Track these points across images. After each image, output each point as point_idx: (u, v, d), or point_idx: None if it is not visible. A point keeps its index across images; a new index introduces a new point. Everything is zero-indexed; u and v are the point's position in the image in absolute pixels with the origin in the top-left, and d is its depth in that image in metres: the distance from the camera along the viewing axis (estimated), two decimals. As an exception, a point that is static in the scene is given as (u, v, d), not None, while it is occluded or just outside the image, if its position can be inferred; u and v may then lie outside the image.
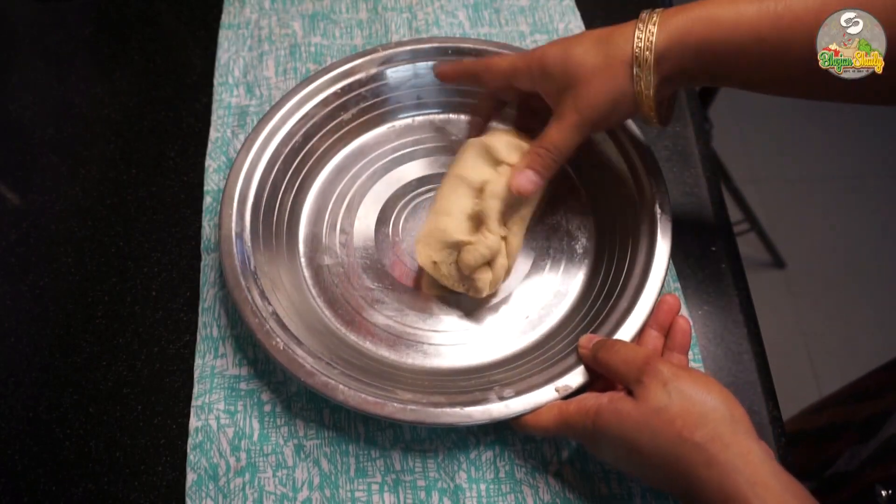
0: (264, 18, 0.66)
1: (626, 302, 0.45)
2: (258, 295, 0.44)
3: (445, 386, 0.44)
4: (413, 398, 0.41)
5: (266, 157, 0.51)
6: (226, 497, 0.42)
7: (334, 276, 0.50)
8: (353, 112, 0.56)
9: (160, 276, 0.51)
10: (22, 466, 0.44)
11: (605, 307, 0.46)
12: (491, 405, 0.40)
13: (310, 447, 0.44)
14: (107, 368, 0.47)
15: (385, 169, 0.56)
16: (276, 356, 0.41)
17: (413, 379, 0.44)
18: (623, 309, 0.44)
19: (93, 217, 0.55)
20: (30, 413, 0.46)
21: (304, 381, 0.40)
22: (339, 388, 0.40)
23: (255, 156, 0.50)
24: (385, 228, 0.53)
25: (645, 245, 0.47)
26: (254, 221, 0.48)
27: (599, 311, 0.46)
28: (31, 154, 0.59)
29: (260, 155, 0.50)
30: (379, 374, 0.43)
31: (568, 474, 0.43)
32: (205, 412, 0.45)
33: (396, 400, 0.40)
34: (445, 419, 0.40)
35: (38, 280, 0.51)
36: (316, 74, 0.55)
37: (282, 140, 0.52)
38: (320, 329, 0.47)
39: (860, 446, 0.48)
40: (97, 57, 0.66)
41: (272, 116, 0.52)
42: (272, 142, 0.51)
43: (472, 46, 0.57)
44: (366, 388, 0.41)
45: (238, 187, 0.49)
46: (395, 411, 0.40)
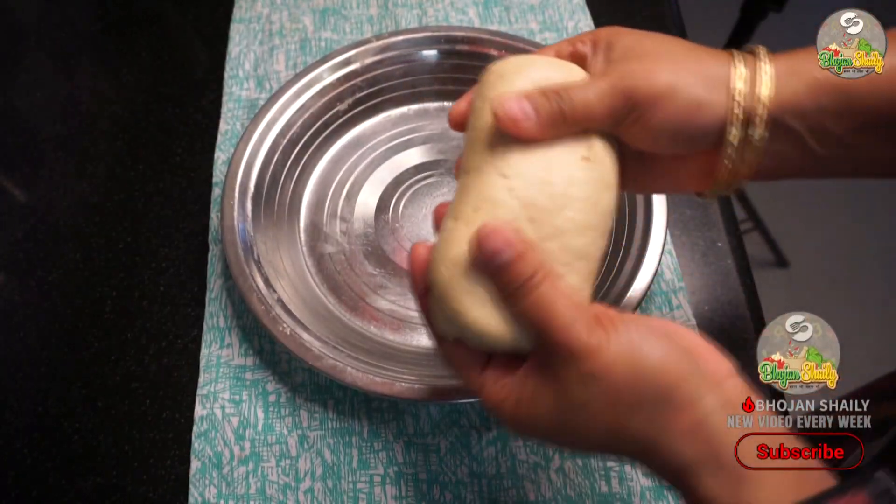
0: (275, 13, 0.67)
1: (630, 263, 0.45)
2: (263, 283, 0.44)
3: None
4: (420, 377, 0.41)
5: (265, 148, 0.51)
6: (229, 485, 0.43)
7: (336, 263, 0.51)
8: (350, 102, 0.57)
9: (168, 272, 0.52)
10: (31, 460, 0.44)
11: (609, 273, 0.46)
12: None
13: (313, 438, 0.44)
14: (115, 363, 0.48)
15: (382, 157, 0.57)
16: (284, 341, 0.42)
17: (419, 360, 0.45)
18: (629, 271, 0.45)
19: (100, 213, 0.55)
20: (38, 407, 0.46)
21: (313, 364, 0.41)
22: (347, 370, 0.41)
23: (255, 147, 0.51)
24: (385, 215, 0.53)
25: (642, 217, 0.47)
26: (255, 211, 0.49)
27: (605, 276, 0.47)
28: (39, 151, 0.59)
29: (259, 146, 0.51)
30: (385, 357, 0.44)
31: (569, 470, 0.43)
32: (210, 401, 0.46)
33: (404, 380, 0.41)
34: (455, 396, 0.40)
35: (45, 276, 0.52)
36: (311, 66, 0.55)
37: (280, 131, 0.52)
38: (325, 315, 0.47)
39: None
40: (103, 54, 0.67)
41: (270, 107, 0.53)
42: (270, 133, 0.52)
43: (464, 35, 0.57)
44: (373, 370, 0.41)
45: (239, 178, 0.49)
46: (403, 390, 0.40)
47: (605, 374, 0.26)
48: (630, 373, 0.26)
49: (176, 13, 0.69)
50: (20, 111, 0.62)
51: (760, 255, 1.52)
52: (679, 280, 0.51)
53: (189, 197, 0.56)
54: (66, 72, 0.65)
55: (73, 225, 0.55)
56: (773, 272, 1.53)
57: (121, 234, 0.54)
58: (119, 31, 0.68)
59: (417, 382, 0.41)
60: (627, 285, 0.44)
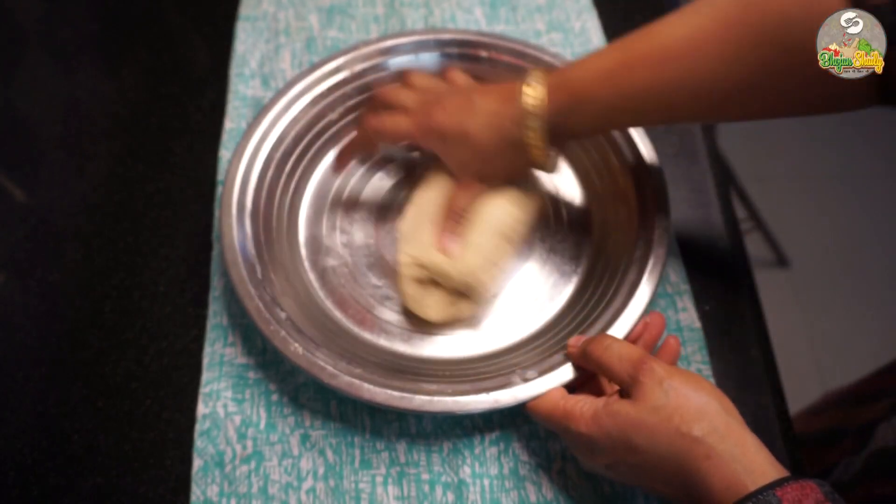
0: (281, 11, 0.67)
1: (626, 288, 0.45)
2: (269, 302, 0.44)
3: (466, 373, 0.44)
4: (438, 389, 0.41)
5: (259, 162, 0.50)
6: (231, 484, 0.43)
7: (340, 276, 0.51)
8: (340, 111, 0.56)
9: (168, 272, 0.52)
10: (31, 460, 0.44)
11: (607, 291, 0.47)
12: (516, 388, 0.41)
13: (315, 437, 0.44)
14: (115, 363, 0.48)
15: (378, 165, 0.56)
16: (298, 361, 0.41)
17: (434, 370, 0.45)
18: (626, 291, 0.45)
19: (100, 213, 0.55)
20: (39, 407, 0.46)
21: (328, 382, 0.41)
22: (364, 386, 0.40)
23: (248, 162, 0.50)
24: (385, 225, 0.53)
25: (636, 268, 0.46)
26: (254, 229, 0.48)
27: (606, 288, 0.47)
28: (39, 151, 0.59)
29: (252, 161, 0.50)
30: (399, 369, 0.44)
31: (571, 472, 0.43)
32: (213, 399, 0.46)
33: (422, 392, 0.40)
34: (474, 406, 0.40)
35: (46, 276, 0.52)
36: (301, 75, 0.54)
37: (273, 144, 0.51)
38: (334, 330, 0.47)
39: (852, 457, 0.48)
40: (104, 54, 0.66)
41: (260, 120, 0.52)
42: (263, 146, 0.51)
43: (452, 37, 0.57)
44: (390, 384, 0.41)
45: (235, 195, 0.48)
46: (423, 404, 0.40)
47: (679, 386, 0.35)
48: (693, 392, 0.35)
49: (176, 13, 0.69)
50: (20, 111, 0.62)
51: (761, 255, 1.52)
52: (684, 283, 0.51)
53: (189, 197, 0.56)
54: (66, 72, 0.64)
55: (73, 225, 0.55)
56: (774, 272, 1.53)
57: (121, 234, 0.54)
58: (119, 30, 0.68)
59: (436, 394, 0.40)
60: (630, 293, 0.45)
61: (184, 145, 0.59)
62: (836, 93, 0.36)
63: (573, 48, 0.64)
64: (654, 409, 0.34)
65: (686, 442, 0.33)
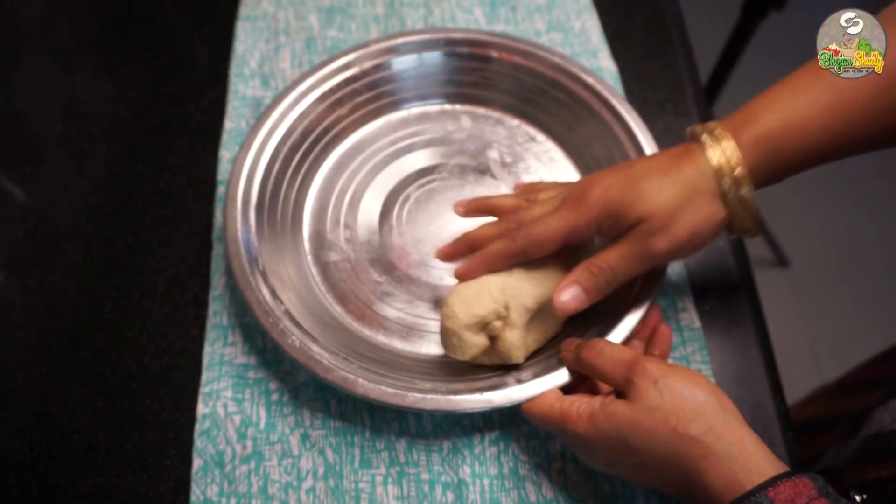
0: (281, 11, 0.67)
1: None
2: (269, 294, 0.44)
3: (462, 373, 0.44)
4: (433, 387, 0.41)
5: (266, 156, 0.51)
6: (231, 483, 0.43)
7: (341, 271, 0.51)
8: (349, 107, 0.56)
9: (168, 272, 0.52)
10: (31, 460, 0.44)
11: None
12: (510, 389, 0.41)
13: (315, 437, 0.44)
14: (115, 363, 0.48)
15: (384, 162, 0.56)
16: (294, 354, 0.41)
17: (429, 368, 0.45)
18: (624, 291, 0.44)
19: (100, 213, 0.55)
20: (38, 407, 0.46)
21: (324, 377, 0.41)
22: (358, 381, 0.40)
23: (255, 155, 0.50)
24: (389, 222, 0.53)
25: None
26: (258, 221, 0.48)
27: None
28: (38, 150, 0.59)
29: (259, 154, 0.51)
30: (395, 366, 0.44)
31: (571, 472, 0.43)
32: (212, 399, 0.46)
33: (416, 390, 0.40)
34: (467, 405, 0.40)
35: (45, 275, 0.52)
36: (310, 71, 0.55)
37: (280, 139, 0.52)
38: (332, 325, 0.47)
39: (845, 442, 0.48)
40: (103, 53, 0.67)
41: (269, 114, 0.52)
42: (271, 140, 0.51)
43: (463, 37, 0.57)
44: (385, 381, 0.41)
45: (240, 188, 0.49)
46: (416, 401, 0.40)
47: (674, 385, 0.34)
48: (689, 390, 0.34)
49: (176, 12, 0.69)
50: (19, 111, 0.62)
51: (761, 255, 1.52)
52: (685, 283, 0.51)
53: (189, 196, 0.56)
54: (66, 72, 0.64)
55: (73, 224, 0.55)
56: (774, 272, 1.53)
57: (120, 233, 0.54)
58: (119, 30, 0.68)
59: (430, 392, 0.40)
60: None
61: (184, 145, 0.59)
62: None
63: (573, 48, 0.64)
64: (650, 410, 0.34)
65: (683, 442, 0.33)
